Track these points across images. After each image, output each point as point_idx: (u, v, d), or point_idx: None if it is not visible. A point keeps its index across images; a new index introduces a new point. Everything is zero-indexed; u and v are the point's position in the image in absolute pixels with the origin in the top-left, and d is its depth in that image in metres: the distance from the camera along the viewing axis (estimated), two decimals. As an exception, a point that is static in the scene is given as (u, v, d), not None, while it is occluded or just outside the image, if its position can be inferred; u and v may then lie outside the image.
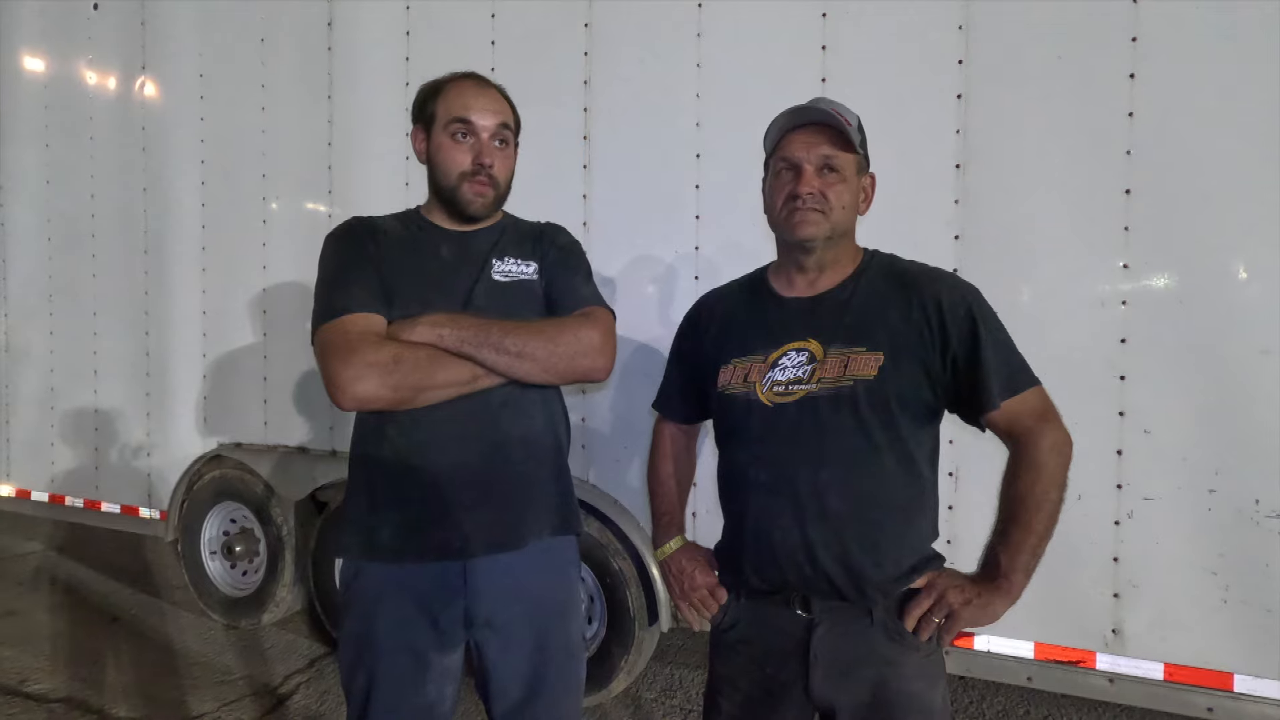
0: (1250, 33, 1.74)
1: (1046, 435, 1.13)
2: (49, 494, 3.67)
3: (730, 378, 1.26)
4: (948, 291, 1.17)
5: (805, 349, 1.19)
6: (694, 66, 2.28)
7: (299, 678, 2.78)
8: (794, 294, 1.26)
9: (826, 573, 1.15)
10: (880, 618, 1.15)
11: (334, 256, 1.33)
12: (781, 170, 1.22)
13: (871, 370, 1.14)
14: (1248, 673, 1.78)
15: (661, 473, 1.46)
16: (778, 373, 1.20)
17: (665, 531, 1.41)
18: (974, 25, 1.97)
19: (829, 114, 1.16)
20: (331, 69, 2.84)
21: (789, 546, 1.16)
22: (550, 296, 1.38)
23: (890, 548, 1.16)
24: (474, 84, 1.35)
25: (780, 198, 1.21)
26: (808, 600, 1.18)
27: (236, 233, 3.08)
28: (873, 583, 1.15)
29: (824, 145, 1.18)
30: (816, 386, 1.16)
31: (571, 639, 1.39)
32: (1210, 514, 1.79)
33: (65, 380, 3.56)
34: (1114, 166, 1.84)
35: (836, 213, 1.18)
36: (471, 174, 1.32)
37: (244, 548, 3.11)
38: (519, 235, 1.42)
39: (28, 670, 2.81)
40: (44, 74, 3.56)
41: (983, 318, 1.15)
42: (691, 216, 2.30)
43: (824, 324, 1.20)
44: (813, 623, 1.17)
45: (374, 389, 1.16)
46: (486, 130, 1.32)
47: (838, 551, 1.14)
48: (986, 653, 2.01)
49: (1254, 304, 1.75)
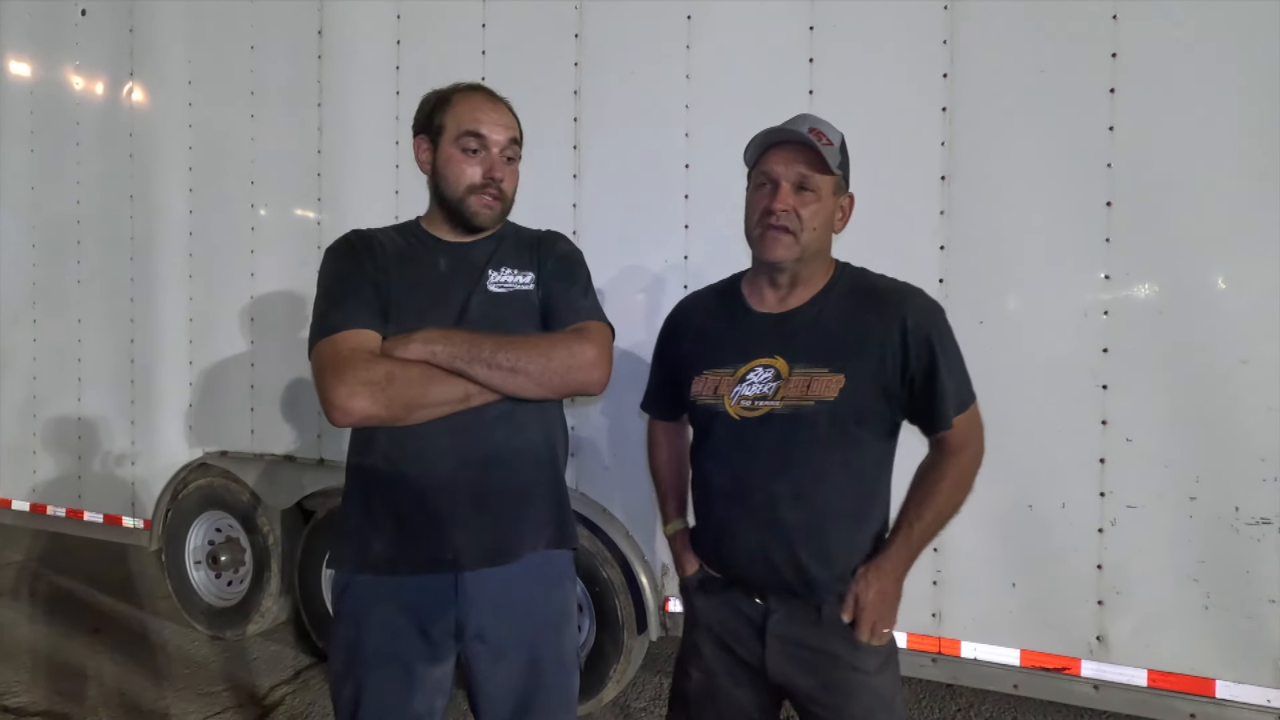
0: (1229, 48, 1.78)
1: (971, 446, 1.26)
2: (30, 503, 3.61)
3: (702, 388, 1.33)
4: (912, 313, 1.22)
5: (772, 366, 1.26)
6: (683, 78, 2.29)
7: (285, 688, 2.75)
8: (764, 309, 1.31)
9: (780, 573, 1.24)
10: (828, 614, 1.25)
11: (331, 271, 1.32)
12: (761, 185, 1.26)
13: (833, 392, 1.20)
14: (1229, 679, 1.81)
15: (657, 463, 1.56)
16: (745, 387, 1.27)
17: (668, 514, 1.54)
18: (958, 40, 2.01)
19: (808, 136, 1.20)
20: (321, 76, 2.84)
21: (747, 548, 1.26)
22: (547, 307, 1.35)
23: (839, 552, 1.25)
24: (485, 97, 1.34)
25: (756, 212, 1.26)
26: (764, 591, 1.28)
27: (224, 240, 3.06)
28: (821, 583, 1.24)
29: (801, 164, 1.22)
30: (780, 404, 1.23)
31: (565, 654, 1.38)
32: (1192, 521, 1.81)
33: (48, 388, 3.52)
34: (1095, 179, 1.88)
35: (808, 233, 1.23)
36: (481, 187, 1.31)
37: (229, 557, 3.08)
38: (517, 244, 1.40)
39: (7, 683, 2.77)
40: (30, 79, 3.52)
41: (941, 342, 1.22)
42: (680, 226, 2.31)
43: (790, 342, 1.26)
44: (768, 610, 1.27)
45: (367, 406, 1.16)
46: (498, 145, 1.32)
47: (789, 556, 1.23)
48: (973, 660, 2.02)
49: (1234, 314, 1.78)
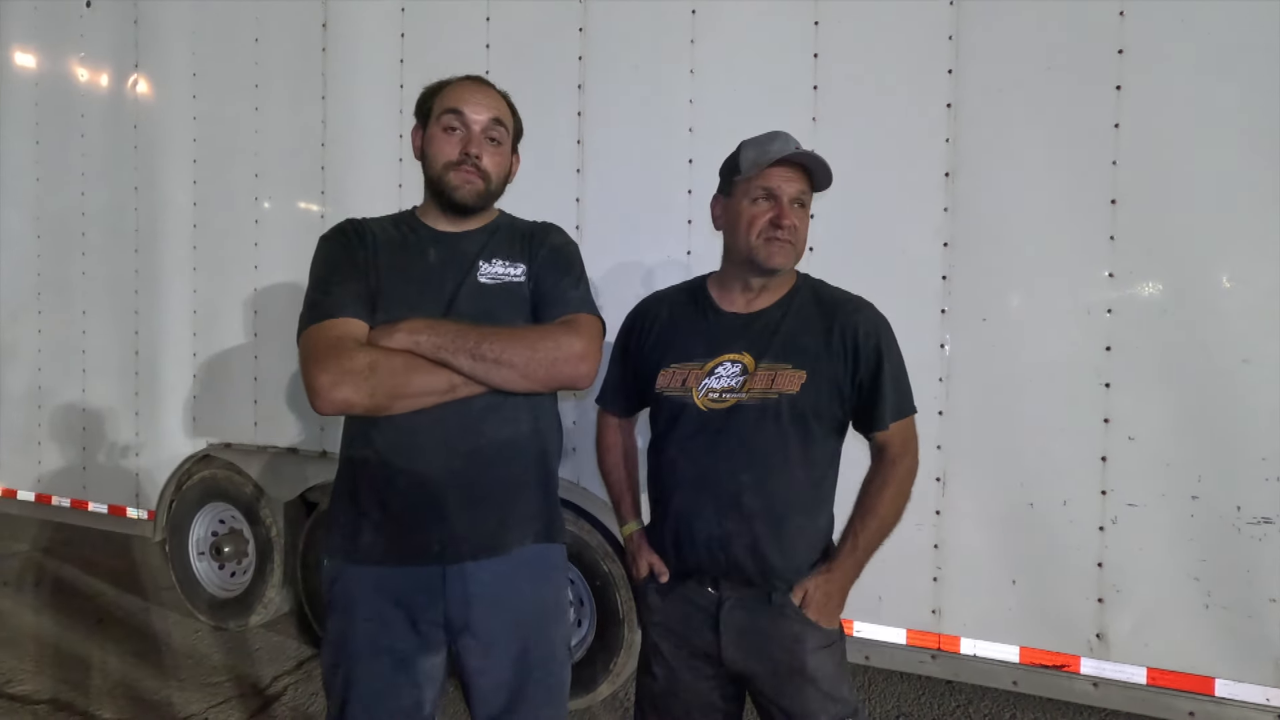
0: (1235, 47, 1.77)
1: (906, 459, 1.36)
2: (35, 493, 3.63)
3: (669, 381, 1.39)
4: (863, 322, 1.34)
5: (740, 361, 1.34)
6: (687, 73, 2.29)
7: (287, 679, 2.76)
8: (733, 309, 1.40)
9: (737, 561, 1.31)
10: (779, 601, 1.31)
11: (322, 259, 1.33)
12: (759, 198, 1.32)
13: (795, 386, 1.30)
14: (1229, 677, 1.81)
15: (609, 462, 1.60)
16: (713, 380, 1.34)
17: (623, 514, 1.57)
18: (964, 36, 2.00)
19: (813, 157, 1.29)
20: (325, 70, 2.84)
21: (707, 535, 1.32)
22: (537, 299, 1.35)
23: (795, 541, 1.32)
24: (473, 81, 1.37)
25: (758, 224, 1.32)
26: (717, 581, 1.34)
27: (228, 232, 3.06)
28: (776, 571, 1.31)
29: (800, 181, 1.32)
30: (746, 396, 1.31)
31: (555, 647, 1.38)
32: (1193, 520, 1.81)
33: (53, 379, 3.53)
34: (1100, 176, 1.87)
35: (800, 245, 1.34)
36: (457, 163, 1.31)
37: (233, 549, 3.10)
38: (510, 236, 1.40)
39: (12, 671, 2.79)
40: (35, 71, 3.53)
41: (887, 350, 1.33)
42: (683, 221, 2.31)
43: (757, 340, 1.35)
44: (721, 600, 1.33)
45: (350, 395, 1.16)
46: (478, 124, 1.32)
47: (749, 542, 1.30)
48: (973, 657, 2.03)
49: (1237, 313, 1.77)
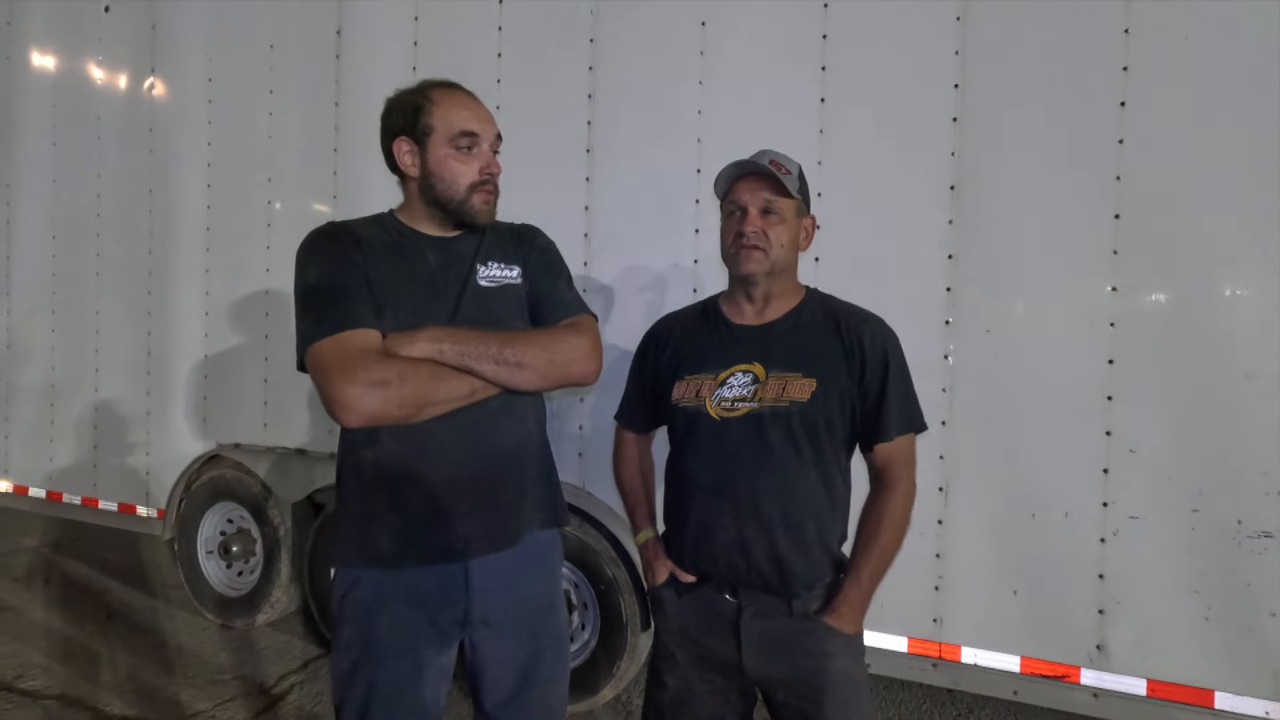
0: (1239, 63, 1.79)
1: (903, 483, 1.36)
2: (47, 491, 3.68)
3: (683, 392, 1.41)
4: (870, 333, 1.36)
5: (751, 371, 1.36)
6: (696, 84, 2.32)
7: (294, 678, 2.79)
8: (744, 321, 1.43)
9: (758, 567, 1.32)
10: (799, 608, 1.32)
11: (321, 265, 1.30)
12: (732, 212, 1.39)
13: (805, 394, 1.32)
14: (1228, 690, 1.82)
15: (626, 474, 1.62)
16: (725, 390, 1.36)
17: (638, 523, 1.59)
18: (970, 50, 2.02)
19: (768, 166, 1.34)
20: (339, 76, 2.88)
21: (727, 542, 1.33)
22: (534, 301, 1.41)
23: (812, 547, 1.33)
24: (466, 95, 1.38)
25: (730, 236, 1.38)
26: (735, 588, 1.35)
27: (241, 235, 3.10)
28: (796, 576, 1.32)
29: (765, 191, 1.36)
30: (758, 405, 1.33)
31: (559, 629, 1.45)
32: (1194, 533, 1.82)
33: (66, 377, 3.58)
34: (1104, 191, 1.89)
35: (775, 250, 1.35)
36: (480, 184, 1.35)
37: (240, 548, 3.13)
38: (500, 238, 1.43)
39: (23, 666, 2.82)
40: (53, 73, 3.59)
41: (894, 362, 1.35)
42: (691, 230, 2.34)
43: (768, 350, 1.37)
44: (740, 606, 1.34)
45: (379, 406, 1.16)
46: (489, 141, 1.37)
47: (768, 548, 1.31)
48: (974, 666, 2.04)
49: (1239, 327, 1.79)
